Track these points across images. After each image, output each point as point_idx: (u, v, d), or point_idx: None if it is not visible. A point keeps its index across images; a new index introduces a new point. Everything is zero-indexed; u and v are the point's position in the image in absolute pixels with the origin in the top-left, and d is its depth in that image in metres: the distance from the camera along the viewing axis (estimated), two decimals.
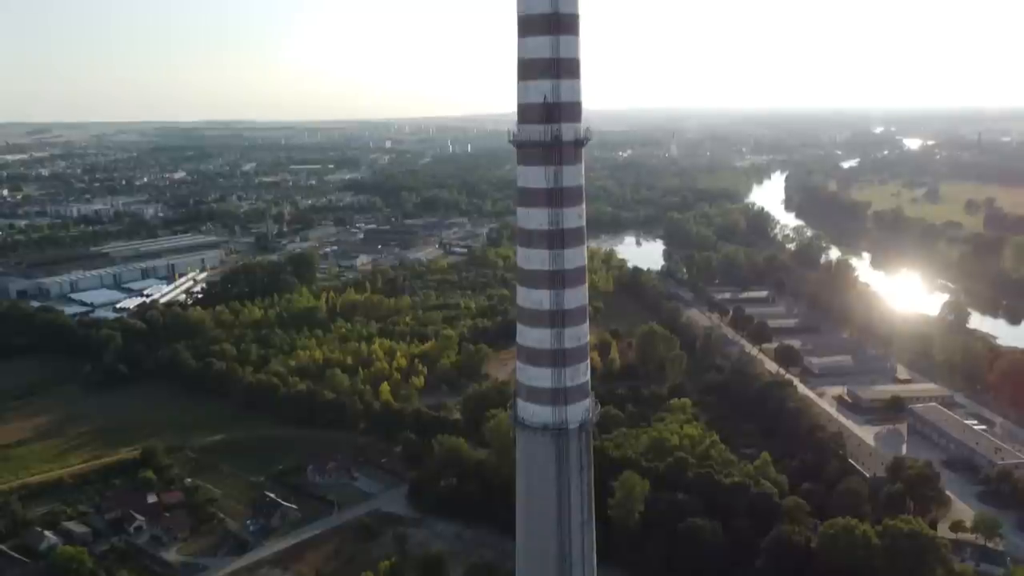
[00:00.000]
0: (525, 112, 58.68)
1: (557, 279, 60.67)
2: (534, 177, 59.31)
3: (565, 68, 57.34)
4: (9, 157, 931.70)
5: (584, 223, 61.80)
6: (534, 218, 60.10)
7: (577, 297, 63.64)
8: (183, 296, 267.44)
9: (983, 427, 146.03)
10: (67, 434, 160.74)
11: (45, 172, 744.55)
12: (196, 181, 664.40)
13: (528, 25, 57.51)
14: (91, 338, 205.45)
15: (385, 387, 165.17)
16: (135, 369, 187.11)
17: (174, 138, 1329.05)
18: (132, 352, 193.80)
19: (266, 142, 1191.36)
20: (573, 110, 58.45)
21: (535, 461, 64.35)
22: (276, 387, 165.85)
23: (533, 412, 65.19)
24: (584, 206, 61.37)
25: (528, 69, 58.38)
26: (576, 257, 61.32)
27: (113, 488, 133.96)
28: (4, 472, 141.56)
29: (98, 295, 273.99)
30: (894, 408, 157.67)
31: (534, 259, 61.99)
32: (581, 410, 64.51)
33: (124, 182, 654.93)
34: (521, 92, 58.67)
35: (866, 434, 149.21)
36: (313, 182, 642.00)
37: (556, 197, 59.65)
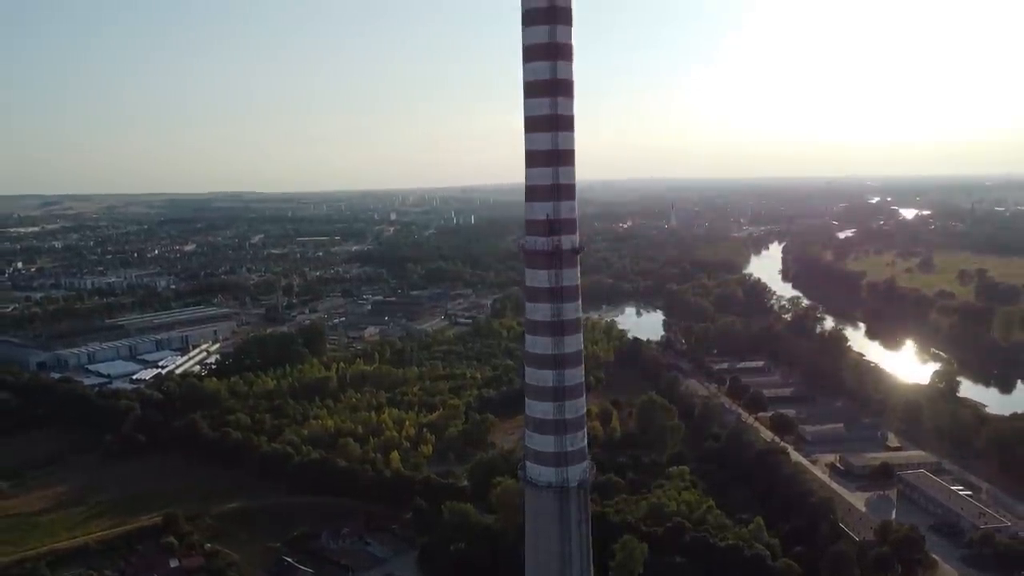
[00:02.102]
0: (531, 226, 72.44)
1: (559, 361, 74.69)
2: (539, 278, 72.99)
3: (564, 192, 71.90)
4: (22, 230, 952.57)
5: (580, 315, 74.41)
6: (539, 311, 73.59)
7: (576, 376, 76.61)
8: (197, 367, 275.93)
9: (968, 493, 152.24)
10: (89, 502, 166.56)
11: (58, 245, 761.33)
12: (206, 253, 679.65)
13: (533, 158, 71.48)
14: (110, 408, 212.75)
15: (395, 455, 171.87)
16: (153, 438, 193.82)
17: (183, 210, 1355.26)
18: (150, 422, 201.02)
19: (273, 214, 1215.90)
20: (571, 225, 73.01)
21: (541, 515, 76.28)
22: (290, 456, 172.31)
23: (539, 473, 77.29)
24: (580, 301, 73.82)
25: (533, 192, 72.38)
26: (574, 343, 74.53)
27: (137, 553, 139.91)
28: (31, 539, 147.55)
29: (115, 366, 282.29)
30: (884, 475, 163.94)
31: (539, 345, 75.25)
32: (580, 471, 77.58)
33: (135, 254, 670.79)
34: (528, 210, 72.24)
35: (857, 500, 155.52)
36: (320, 254, 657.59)
37: (557, 295, 73.16)
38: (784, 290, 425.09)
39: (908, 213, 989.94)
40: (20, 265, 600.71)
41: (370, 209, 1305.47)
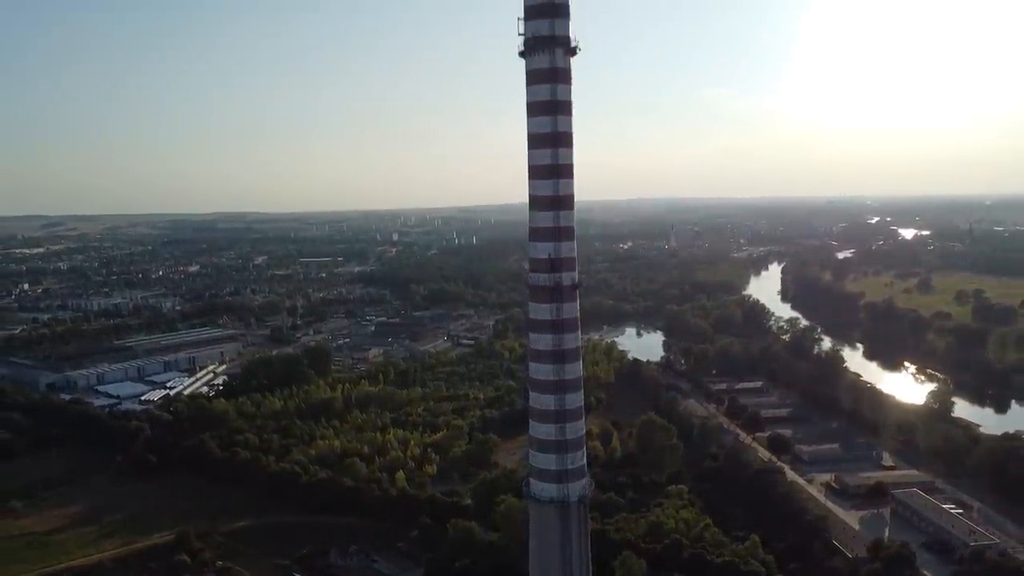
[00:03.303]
0: (535, 264, 79.94)
1: (560, 387, 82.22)
2: (542, 311, 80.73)
3: (564, 233, 79.90)
4: (26, 251, 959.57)
5: (580, 344, 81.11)
6: (542, 341, 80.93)
7: (576, 400, 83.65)
8: (205, 388, 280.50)
9: (960, 511, 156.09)
10: (102, 521, 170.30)
11: (63, 266, 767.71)
12: (210, 274, 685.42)
13: (536, 202, 79.77)
14: (121, 429, 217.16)
15: (401, 475, 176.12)
16: (163, 459, 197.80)
17: (186, 231, 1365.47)
18: (160, 442, 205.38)
19: (276, 234, 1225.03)
20: (570, 263, 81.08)
21: (545, 528, 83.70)
22: (298, 475, 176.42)
23: (543, 489, 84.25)
24: (579, 332, 79.75)
25: (537, 234, 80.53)
26: (575, 370, 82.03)
27: (150, 571, 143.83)
28: (46, 557, 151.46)
29: (123, 387, 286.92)
30: (878, 494, 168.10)
31: (542, 372, 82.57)
32: (580, 487, 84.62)
33: (140, 275, 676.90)
34: (532, 249, 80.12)
35: (851, 518, 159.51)
36: (323, 275, 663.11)
37: (558, 326, 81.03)
38: (783, 311, 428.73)
39: (907, 233, 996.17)
40: (26, 286, 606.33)
41: (372, 229, 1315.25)
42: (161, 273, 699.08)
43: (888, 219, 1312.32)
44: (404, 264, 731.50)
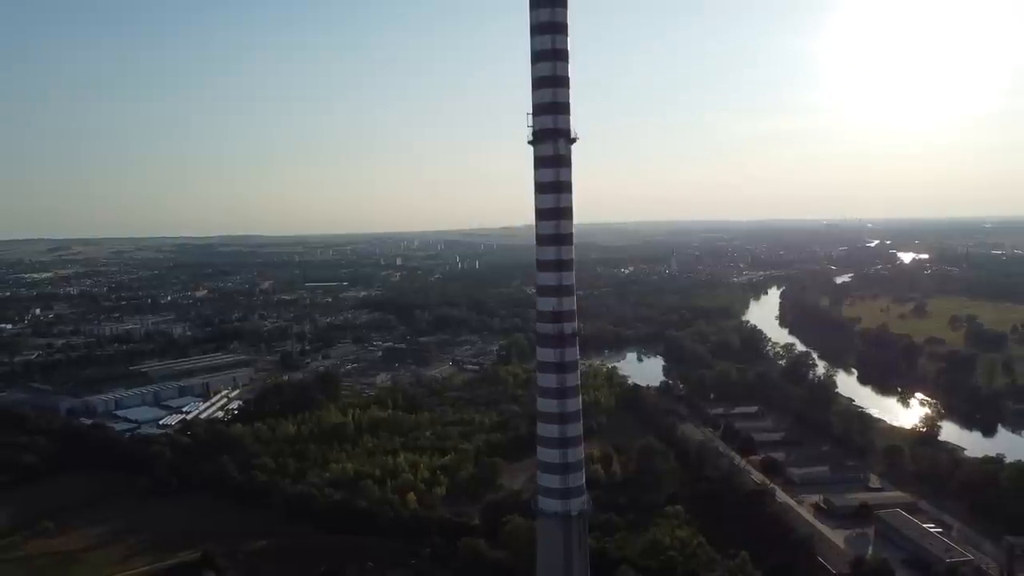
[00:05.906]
0: (541, 316, 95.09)
1: (563, 418, 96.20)
2: (547, 355, 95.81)
3: (565, 291, 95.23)
4: (35, 275, 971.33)
5: (579, 382, 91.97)
6: (547, 380, 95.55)
7: (576, 429, 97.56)
8: (220, 413, 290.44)
9: (939, 530, 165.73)
10: (128, 541, 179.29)
11: (73, 291, 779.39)
12: (217, 299, 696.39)
13: (543, 265, 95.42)
14: (142, 453, 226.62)
15: (411, 496, 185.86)
16: (184, 481, 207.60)
17: (192, 255, 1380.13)
18: (181, 465, 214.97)
19: (280, 258, 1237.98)
20: (571, 315, 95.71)
21: (550, 539, 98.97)
22: (314, 497, 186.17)
23: (548, 504, 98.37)
24: (579, 372, 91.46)
25: (543, 291, 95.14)
26: (575, 404, 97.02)
27: None
28: (81, 574, 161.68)
29: (141, 412, 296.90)
30: (863, 514, 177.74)
31: (547, 405, 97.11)
32: (580, 502, 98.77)
33: (149, 300, 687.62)
34: (539, 303, 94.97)
35: (837, 537, 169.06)
36: (329, 300, 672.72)
37: (561, 367, 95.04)
38: (781, 336, 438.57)
39: (906, 256, 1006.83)
40: (38, 311, 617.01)
41: (376, 254, 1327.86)
42: (170, 298, 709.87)
43: (887, 242, 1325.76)
44: (408, 289, 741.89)
